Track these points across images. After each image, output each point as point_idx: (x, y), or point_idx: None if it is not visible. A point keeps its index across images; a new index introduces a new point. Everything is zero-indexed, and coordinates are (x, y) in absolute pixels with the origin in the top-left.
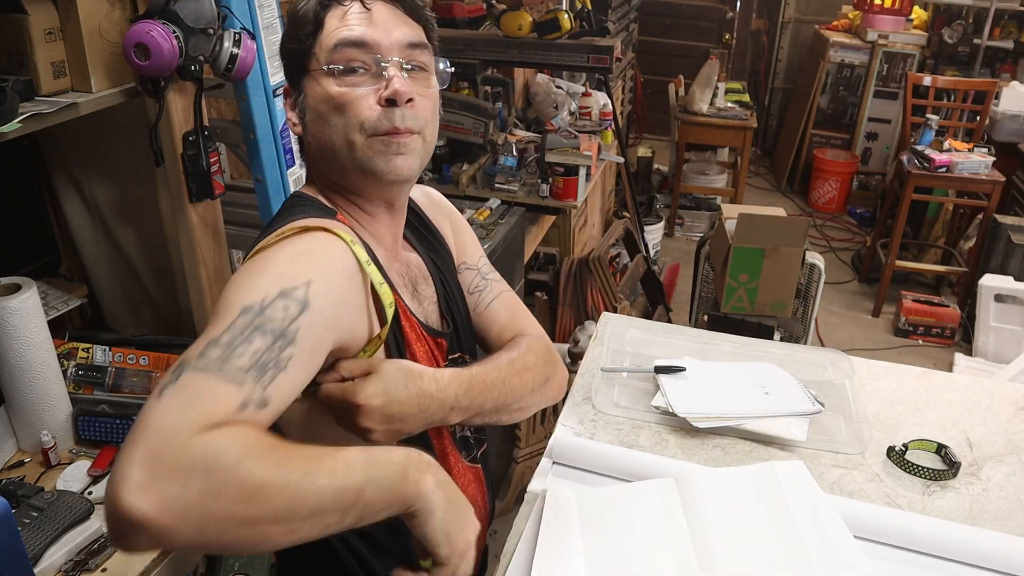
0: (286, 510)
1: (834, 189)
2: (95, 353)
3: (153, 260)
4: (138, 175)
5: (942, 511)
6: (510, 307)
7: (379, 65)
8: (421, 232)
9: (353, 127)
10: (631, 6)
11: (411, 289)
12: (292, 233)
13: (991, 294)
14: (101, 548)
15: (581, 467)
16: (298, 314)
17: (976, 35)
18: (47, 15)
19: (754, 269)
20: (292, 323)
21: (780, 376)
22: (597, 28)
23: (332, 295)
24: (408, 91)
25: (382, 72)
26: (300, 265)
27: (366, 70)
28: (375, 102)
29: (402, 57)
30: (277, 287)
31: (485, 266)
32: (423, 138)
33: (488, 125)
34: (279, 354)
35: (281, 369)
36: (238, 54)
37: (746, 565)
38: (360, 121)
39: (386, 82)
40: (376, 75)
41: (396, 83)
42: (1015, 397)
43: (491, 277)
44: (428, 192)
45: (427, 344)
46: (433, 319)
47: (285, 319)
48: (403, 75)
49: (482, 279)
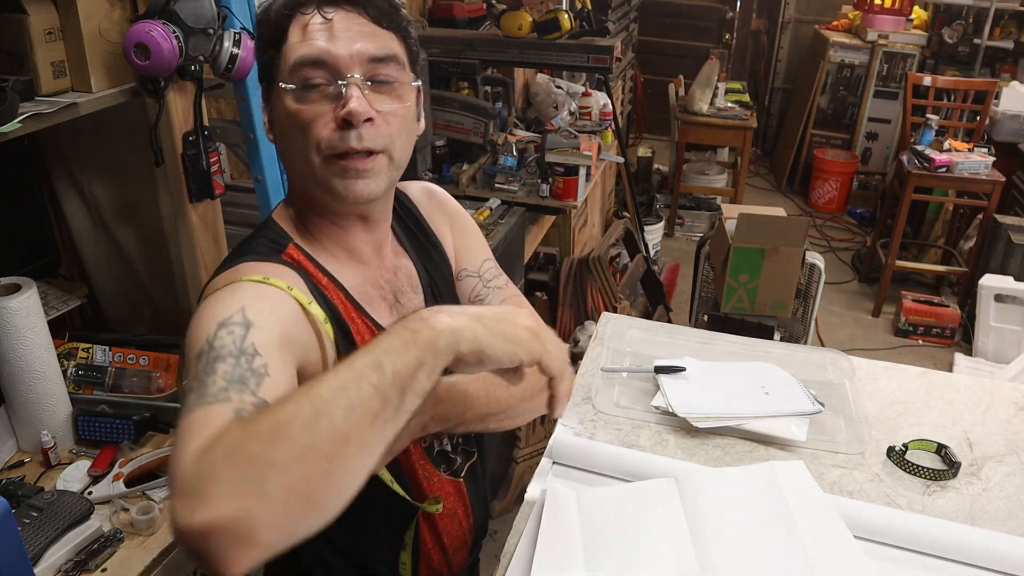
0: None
1: (834, 189)
2: (95, 353)
3: (153, 260)
4: (138, 175)
5: (942, 511)
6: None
7: (337, 83)
8: (415, 235)
9: (311, 147)
10: (631, 6)
11: (391, 300)
12: (223, 285)
13: (991, 294)
14: (101, 548)
15: (581, 467)
16: (245, 333)
17: (976, 35)
18: (47, 15)
19: (754, 269)
20: (244, 341)
21: (780, 376)
22: (597, 28)
23: (269, 314)
24: (365, 111)
25: (340, 90)
26: (231, 298)
27: (324, 87)
28: (332, 120)
29: (364, 73)
30: (215, 322)
31: (489, 271)
32: (389, 156)
33: (488, 125)
34: (250, 366)
35: (262, 376)
36: (238, 54)
37: (746, 565)
38: (316, 141)
39: (343, 101)
40: (335, 93)
41: (352, 103)
42: (1015, 397)
43: (494, 284)
44: (431, 190)
45: None
46: None
47: (235, 340)
48: (362, 93)
49: (484, 286)
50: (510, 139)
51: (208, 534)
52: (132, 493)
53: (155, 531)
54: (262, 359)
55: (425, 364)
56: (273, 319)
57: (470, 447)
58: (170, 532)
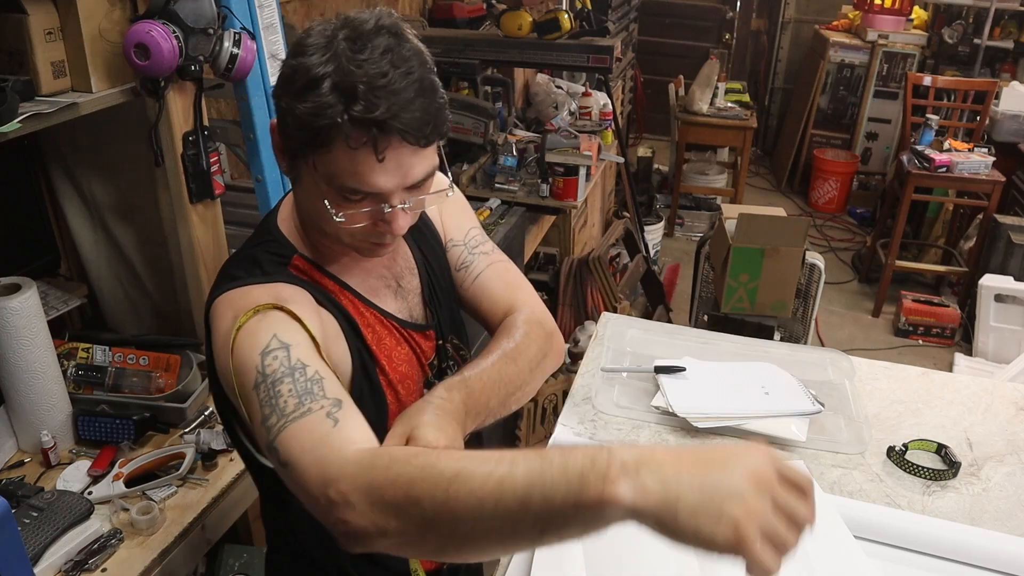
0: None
1: (834, 189)
2: (95, 353)
3: (153, 260)
4: (138, 175)
5: (942, 511)
6: (500, 278)
7: (380, 208)
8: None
9: (345, 234)
10: (631, 6)
11: (394, 287)
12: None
13: (991, 294)
14: (101, 548)
15: None
16: (288, 354)
17: (976, 35)
18: (47, 15)
19: (754, 269)
20: (290, 360)
21: (780, 376)
22: (597, 28)
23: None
24: (405, 227)
25: (383, 211)
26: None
27: (369, 206)
28: (373, 226)
29: (407, 197)
30: (256, 352)
31: (474, 239)
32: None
33: (488, 125)
34: (307, 377)
35: (319, 380)
36: (238, 54)
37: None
38: (352, 232)
39: (385, 220)
40: (376, 212)
41: (396, 225)
42: (1015, 397)
43: (479, 250)
44: None
45: (409, 342)
46: (417, 312)
47: (283, 362)
48: (404, 212)
49: (468, 253)
50: (510, 139)
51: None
52: (132, 493)
53: (155, 531)
54: (312, 368)
55: (577, 524)
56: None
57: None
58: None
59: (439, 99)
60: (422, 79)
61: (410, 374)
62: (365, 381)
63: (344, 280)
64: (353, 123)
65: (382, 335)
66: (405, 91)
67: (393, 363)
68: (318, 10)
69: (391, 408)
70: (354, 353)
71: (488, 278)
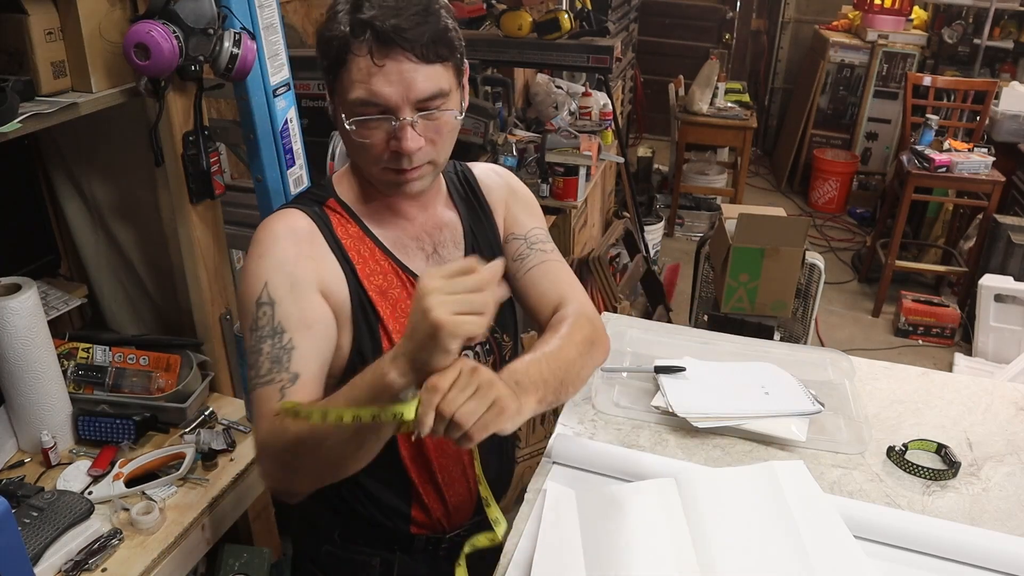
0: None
1: (834, 189)
2: (95, 353)
3: (153, 260)
4: (138, 175)
5: (942, 511)
6: (552, 274)
7: (391, 121)
8: (468, 199)
9: (369, 160)
10: (631, 6)
11: (429, 251)
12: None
13: (991, 294)
14: (101, 548)
15: (581, 467)
16: (273, 312)
17: (976, 35)
18: (47, 15)
19: (754, 269)
20: (274, 320)
21: (780, 376)
22: (597, 28)
23: (285, 278)
24: (415, 147)
25: (393, 126)
26: (257, 270)
27: (380, 121)
28: (387, 146)
29: (415, 113)
30: (253, 300)
31: (536, 236)
32: (434, 163)
33: (488, 125)
34: (282, 343)
35: (290, 349)
36: (238, 54)
37: (746, 565)
38: (374, 157)
39: (396, 137)
40: (389, 128)
41: (405, 143)
42: (1015, 397)
43: (538, 246)
44: (496, 170)
45: None
46: None
47: (268, 320)
48: (413, 130)
49: (528, 248)
50: (510, 139)
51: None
52: (132, 493)
53: (155, 531)
54: (287, 335)
55: (385, 405)
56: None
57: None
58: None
59: (445, 22)
60: (429, 5)
61: None
62: (364, 323)
63: (372, 230)
64: (354, 31)
65: (393, 285)
66: (407, 8)
67: (397, 312)
68: (318, 10)
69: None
70: (353, 296)
71: (540, 272)
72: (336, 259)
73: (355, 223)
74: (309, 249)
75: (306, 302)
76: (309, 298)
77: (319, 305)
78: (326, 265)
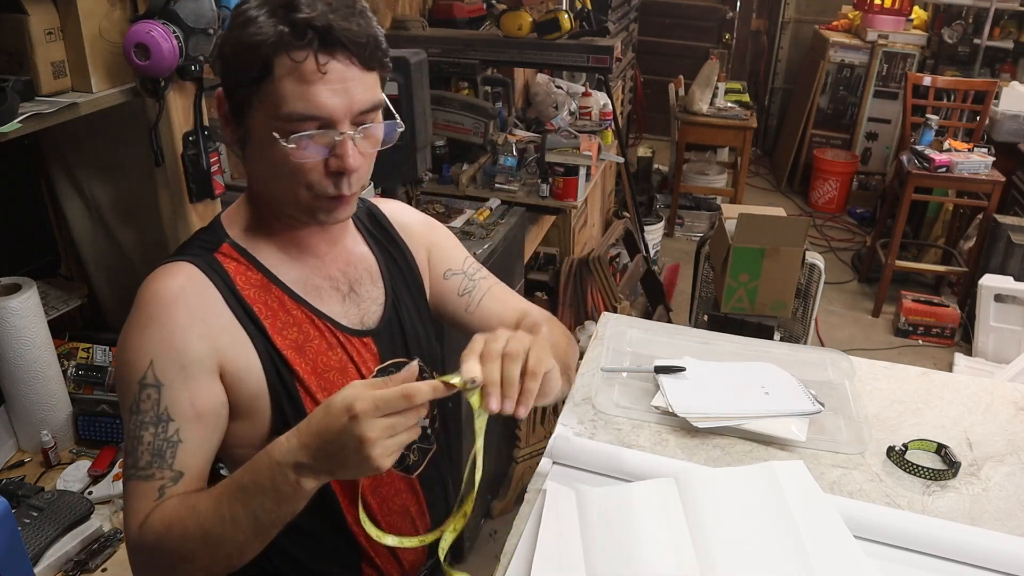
0: (210, 559)
1: (834, 189)
2: (95, 353)
3: (153, 260)
4: (138, 175)
5: (942, 511)
6: (501, 297)
7: (330, 135)
8: (379, 239)
9: (299, 185)
10: (631, 6)
11: (345, 291)
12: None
13: (991, 294)
14: (101, 548)
15: (581, 467)
16: (159, 397)
17: (976, 35)
18: (47, 15)
19: (754, 269)
20: (159, 406)
21: (780, 376)
22: (597, 28)
23: (174, 357)
24: (359, 165)
25: (333, 140)
26: (142, 344)
27: (317, 136)
28: (323, 167)
29: (355, 126)
30: (135, 380)
31: (471, 267)
32: (362, 185)
33: (488, 125)
34: (166, 435)
35: (175, 443)
36: None
37: (746, 565)
38: (307, 183)
39: (337, 155)
40: (327, 142)
41: (348, 160)
42: (1015, 397)
43: (478, 276)
44: (410, 208)
45: (345, 348)
46: (369, 319)
47: (153, 405)
48: (355, 146)
49: (468, 280)
50: (510, 139)
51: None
52: None
53: None
54: (175, 424)
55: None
56: (176, 368)
57: (427, 444)
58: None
59: (377, 26)
60: (356, 4)
61: (341, 383)
62: (280, 387)
63: (275, 274)
64: (294, 32)
65: (310, 337)
66: (341, 8)
67: (318, 369)
68: None
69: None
70: (264, 358)
71: (491, 299)
72: (238, 320)
73: (256, 269)
74: (203, 315)
75: (198, 387)
76: (202, 382)
77: (213, 390)
78: (225, 333)
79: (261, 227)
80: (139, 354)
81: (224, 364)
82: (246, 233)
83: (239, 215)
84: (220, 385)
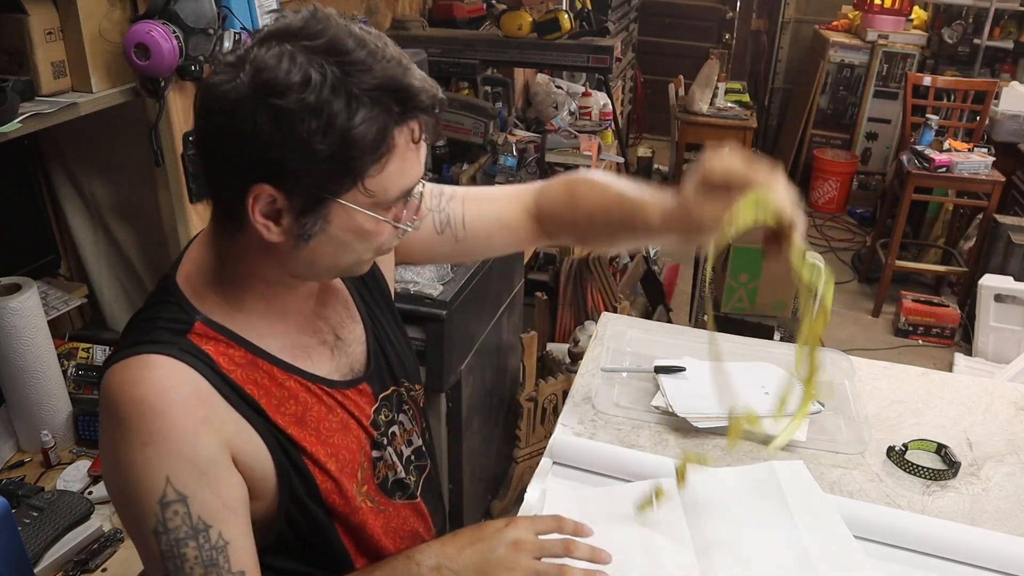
0: None
1: (834, 189)
2: (95, 353)
3: (153, 260)
4: (138, 175)
5: (942, 511)
6: (484, 196)
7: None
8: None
9: (371, 250)
10: (631, 6)
11: (331, 342)
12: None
13: (991, 294)
14: (101, 548)
15: (581, 467)
16: (188, 509)
17: (976, 35)
18: (47, 15)
19: (754, 269)
20: (191, 517)
21: (780, 376)
22: (597, 28)
23: (190, 465)
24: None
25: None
26: (149, 464)
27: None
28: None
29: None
30: (152, 501)
31: (433, 191)
32: None
33: (488, 125)
34: (211, 543)
35: (223, 547)
36: None
37: (746, 565)
38: (379, 244)
39: (415, 214)
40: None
41: (422, 210)
42: (1015, 397)
43: (444, 197)
44: None
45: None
46: (357, 363)
47: (184, 520)
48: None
49: (438, 213)
50: (510, 139)
51: None
52: None
53: None
54: (215, 528)
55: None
56: (195, 474)
57: (422, 460)
58: None
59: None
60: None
61: (345, 444)
62: (288, 465)
63: (259, 345)
64: (419, 103)
65: (309, 406)
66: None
67: (322, 436)
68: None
69: (322, 487)
70: (268, 439)
71: (475, 209)
72: (234, 408)
73: (238, 345)
74: (203, 413)
75: (221, 484)
76: (223, 478)
77: (234, 481)
78: (228, 423)
79: (233, 298)
80: (149, 475)
81: (235, 453)
82: (218, 306)
83: (201, 283)
84: (239, 474)
